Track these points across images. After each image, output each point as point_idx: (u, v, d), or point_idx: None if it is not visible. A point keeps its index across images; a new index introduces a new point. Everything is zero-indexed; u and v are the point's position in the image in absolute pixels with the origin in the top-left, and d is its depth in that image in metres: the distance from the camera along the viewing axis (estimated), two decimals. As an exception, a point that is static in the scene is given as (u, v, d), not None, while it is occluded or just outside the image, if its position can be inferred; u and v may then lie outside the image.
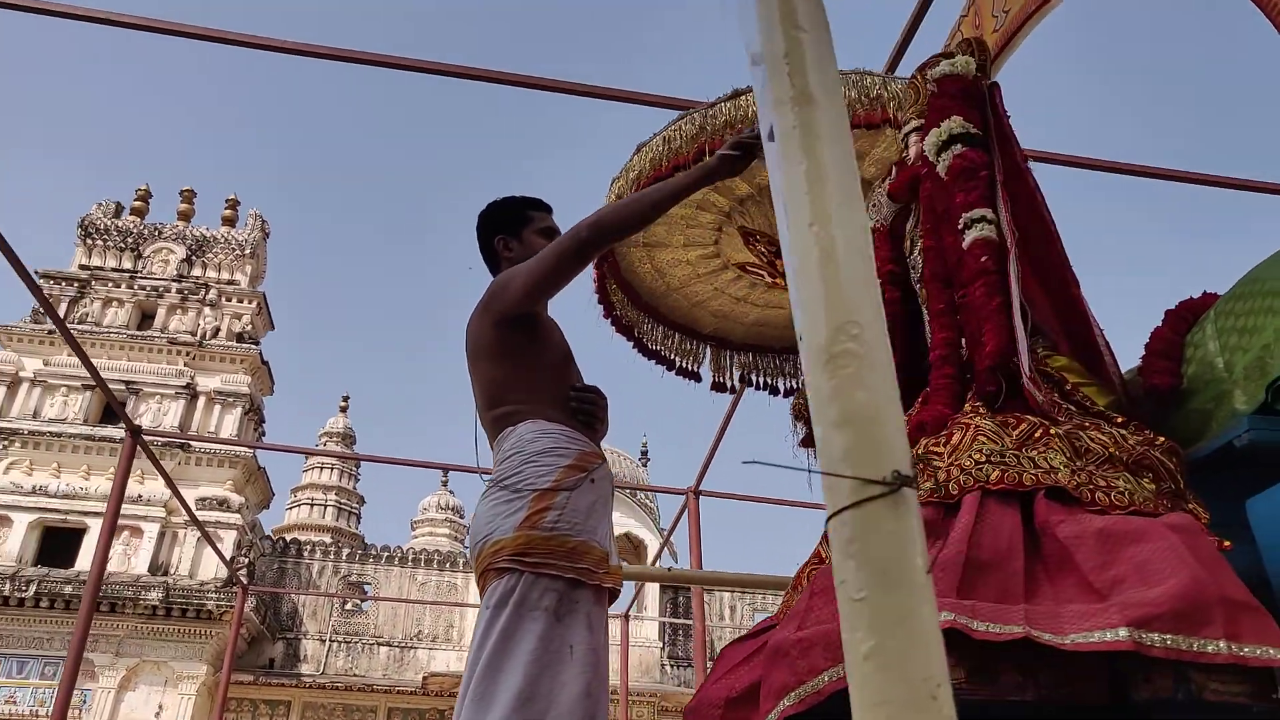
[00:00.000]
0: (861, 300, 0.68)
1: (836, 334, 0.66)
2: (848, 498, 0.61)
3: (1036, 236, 2.48)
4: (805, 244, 0.70)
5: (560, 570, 2.40)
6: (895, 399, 0.65)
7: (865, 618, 0.58)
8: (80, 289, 22.73)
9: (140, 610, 18.99)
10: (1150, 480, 1.94)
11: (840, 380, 0.64)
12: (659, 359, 4.96)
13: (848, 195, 0.73)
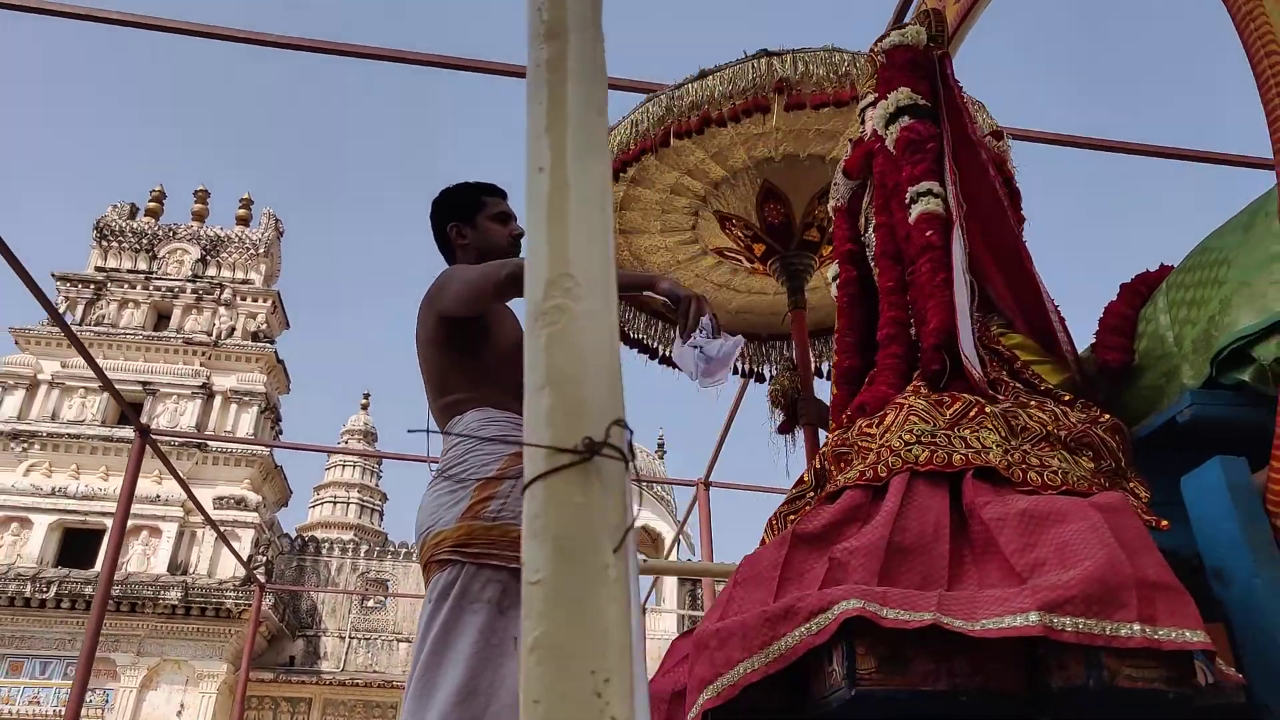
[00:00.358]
0: (585, 254, 0.61)
1: (550, 288, 0.60)
2: (537, 468, 0.55)
3: (989, 211, 2.41)
4: (535, 189, 0.64)
5: (504, 561, 2.35)
6: (608, 363, 0.59)
7: (537, 603, 0.52)
8: (97, 291, 22.91)
9: (160, 610, 19.15)
10: (1089, 459, 1.86)
11: (548, 337, 0.58)
12: (641, 347, 4.89)
13: (590, 142, 0.67)
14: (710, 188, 4.16)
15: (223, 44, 4.61)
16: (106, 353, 21.85)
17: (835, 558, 1.67)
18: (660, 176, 4.10)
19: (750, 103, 3.54)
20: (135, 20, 4.50)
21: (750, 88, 3.56)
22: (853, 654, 1.47)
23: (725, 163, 4.02)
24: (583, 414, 0.56)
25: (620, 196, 4.20)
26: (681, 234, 4.44)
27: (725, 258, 4.48)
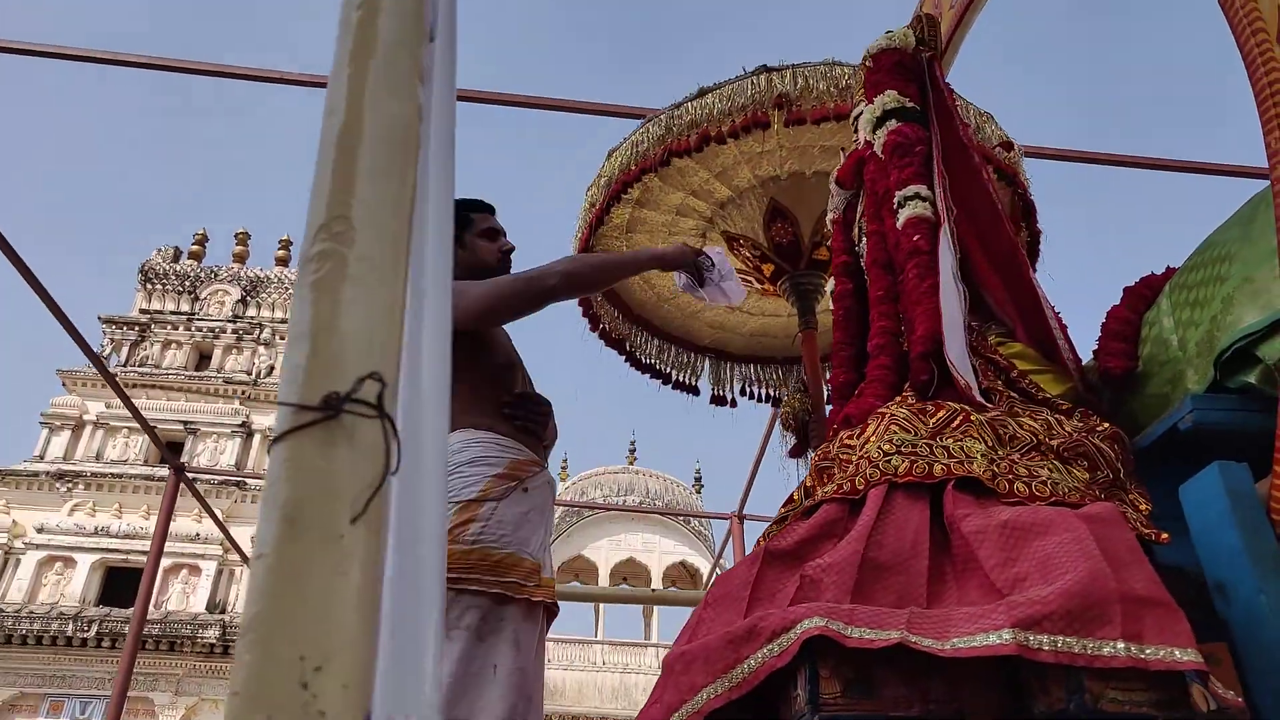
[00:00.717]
0: (369, 197, 0.54)
1: (320, 232, 0.52)
2: (280, 428, 0.47)
3: (984, 216, 2.31)
4: (326, 132, 0.57)
5: (484, 585, 2.27)
6: (376, 315, 0.51)
7: (259, 579, 0.44)
8: (141, 333, 23.31)
9: (198, 648, 19.22)
10: (1084, 469, 1.75)
11: (311, 284, 0.51)
12: (654, 373, 4.81)
13: (397, 77, 0.59)
14: (716, 208, 4.09)
15: (275, 86, 4.63)
16: (150, 393, 22.16)
17: (807, 575, 1.57)
18: (665, 198, 4.04)
19: (749, 119, 3.48)
20: (187, 66, 4.53)
21: (749, 104, 3.49)
22: (816, 677, 1.36)
23: (730, 182, 3.95)
24: (335, 368, 0.48)
25: (626, 218, 4.15)
26: (690, 256, 4.36)
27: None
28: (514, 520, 2.33)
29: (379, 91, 0.59)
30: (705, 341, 4.91)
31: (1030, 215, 3.92)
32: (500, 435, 2.42)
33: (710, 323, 4.80)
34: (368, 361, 0.49)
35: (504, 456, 2.39)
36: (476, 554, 2.27)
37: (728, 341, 4.91)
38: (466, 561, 2.26)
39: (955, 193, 2.31)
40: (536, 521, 2.39)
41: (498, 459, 2.38)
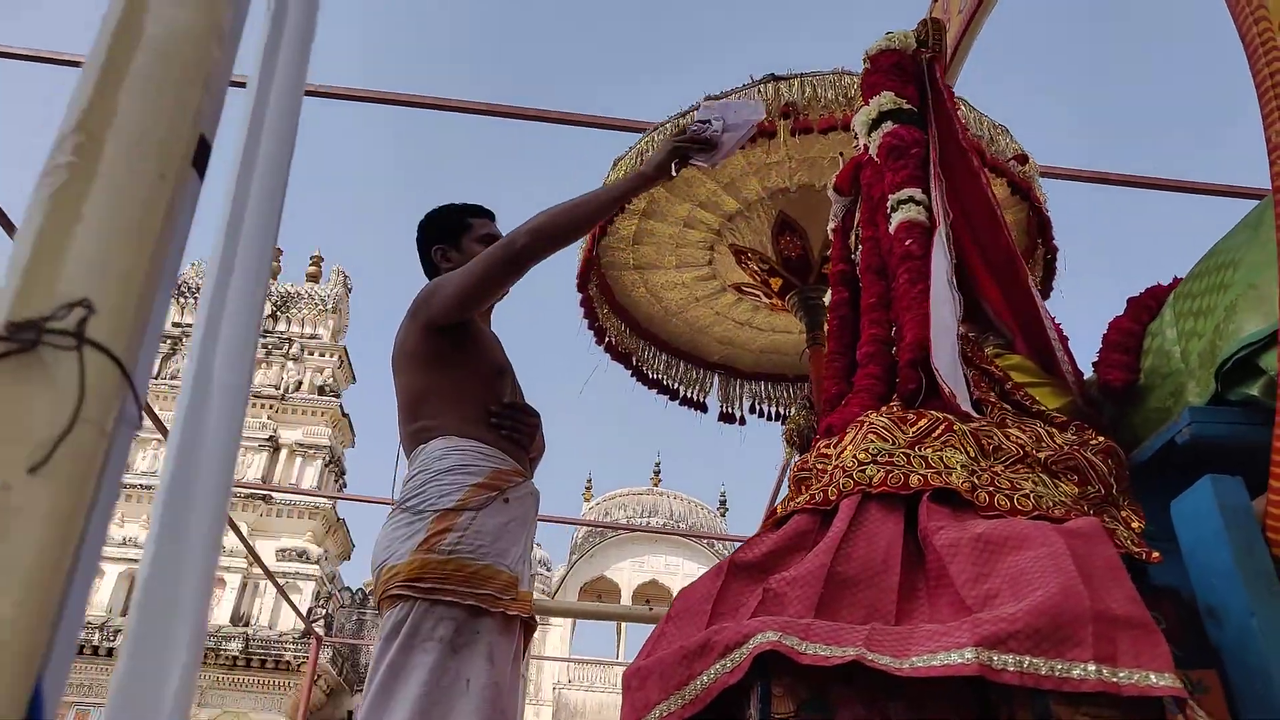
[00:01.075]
0: (128, 108, 0.47)
1: (65, 141, 0.46)
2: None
3: (982, 222, 2.23)
4: (102, 29, 0.50)
5: (458, 597, 2.19)
6: (113, 241, 0.44)
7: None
8: (173, 346, 23.56)
9: (221, 661, 19.26)
10: (1074, 483, 1.65)
11: (42, 200, 0.44)
12: (661, 388, 4.73)
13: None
14: (724, 220, 4.02)
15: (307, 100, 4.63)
16: (179, 406, 22.37)
17: (770, 588, 1.48)
18: (671, 209, 3.98)
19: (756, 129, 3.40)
20: None
21: (756, 113, 3.42)
22: (768, 695, 1.27)
23: (738, 194, 3.88)
24: (45, 294, 0.41)
25: (633, 230, 4.09)
26: (698, 269, 4.30)
27: (744, 294, 4.32)
28: (493, 531, 2.25)
29: (169, 3, 0.52)
30: (714, 358, 4.83)
31: (1045, 231, 3.82)
32: (483, 444, 2.35)
33: (719, 339, 4.72)
34: (84, 287, 0.41)
35: (485, 465, 2.32)
36: (452, 564, 2.19)
37: (737, 358, 4.83)
38: (441, 571, 2.19)
39: (953, 197, 2.22)
40: (517, 533, 2.32)
41: (479, 468, 2.31)
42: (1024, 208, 3.73)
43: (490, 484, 2.28)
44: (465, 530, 2.24)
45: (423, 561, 2.20)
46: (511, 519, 2.30)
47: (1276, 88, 1.37)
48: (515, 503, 2.32)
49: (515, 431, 2.40)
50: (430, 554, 2.21)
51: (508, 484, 2.31)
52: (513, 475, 2.34)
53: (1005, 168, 3.50)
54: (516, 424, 2.41)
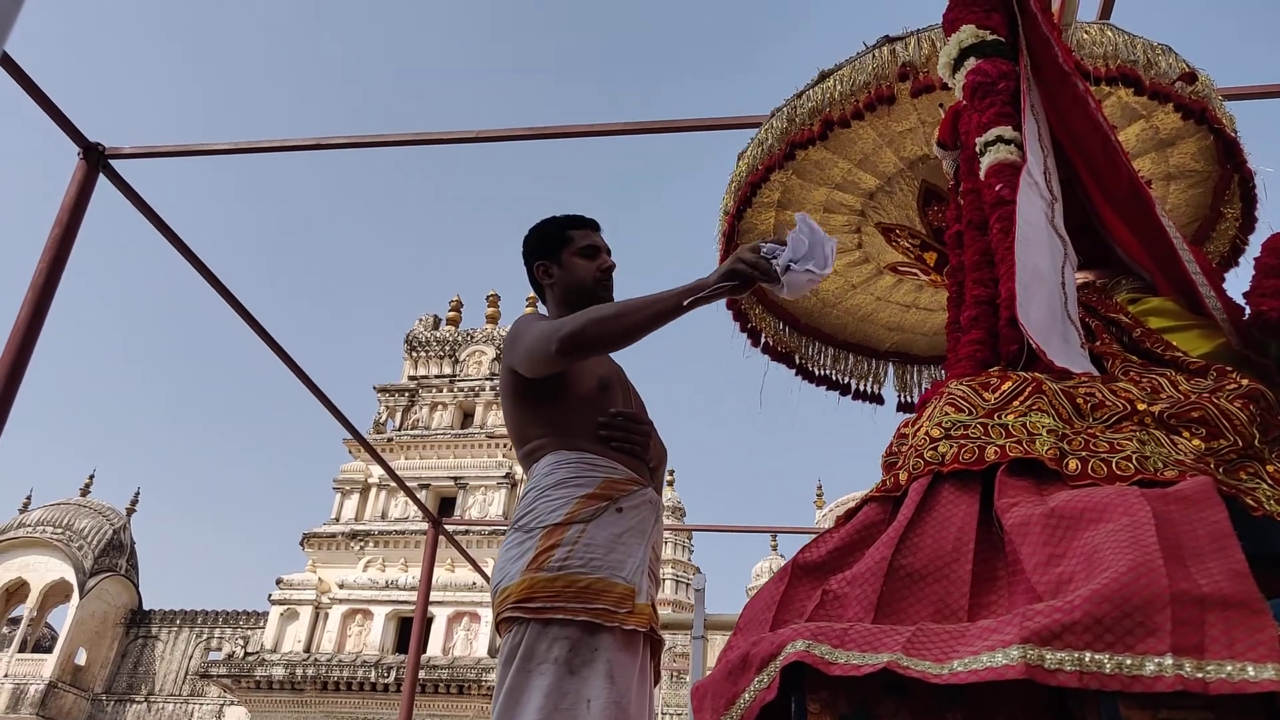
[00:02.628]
0: None
1: None
2: None
3: (1097, 154, 1.95)
4: None
5: (571, 614, 2.13)
6: None
7: None
8: (410, 398, 25.19)
9: (483, 691, 20.24)
10: (1200, 437, 1.38)
11: None
12: (830, 384, 4.50)
13: None
14: (865, 199, 3.78)
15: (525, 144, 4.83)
16: (423, 453, 23.87)
17: (830, 589, 1.32)
18: (808, 195, 3.79)
19: (873, 96, 3.18)
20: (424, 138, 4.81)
21: (870, 80, 3.20)
22: (802, 712, 1.12)
23: (875, 169, 3.64)
24: None
25: (772, 223, 3.93)
26: (848, 254, 4.07)
27: (902, 273, 4.05)
28: (605, 543, 2.18)
29: None
30: (886, 346, 4.56)
31: (1235, 154, 3.34)
32: (593, 455, 2.29)
33: (887, 325, 4.45)
34: None
35: (595, 476, 2.26)
36: (562, 580, 2.14)
37: (911, 343, 4.53)
38: (551, 589, 2.14)
39: (1064, 129, 1.96)
40: (633, 544, 2.23)
41: (588, 478, 2.26)
42: (1203, 131, 3.28)
43: (602, 494, 2.22)
44: (574, 544, 2.17)
45: (531, 580, 2.15)
46: (627, 529, 2.22)
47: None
48: (630, 512, 2.24)
49: (626, 441, 2.33)
50: (539, 572, 2.16)
51: (621, 493, 2.24)
52: (627, 484, 2.26)
53: (1170, 90, 3.09)
54: (628, 433, 2.33)
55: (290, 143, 4.81)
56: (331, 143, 4.80)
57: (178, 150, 4.72)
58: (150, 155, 4.51)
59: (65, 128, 3.83)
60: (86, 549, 24.79)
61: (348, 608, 22.17)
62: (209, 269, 4.35)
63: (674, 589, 30.57)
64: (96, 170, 3.96)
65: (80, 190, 3.90)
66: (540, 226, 2.76)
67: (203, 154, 4.81)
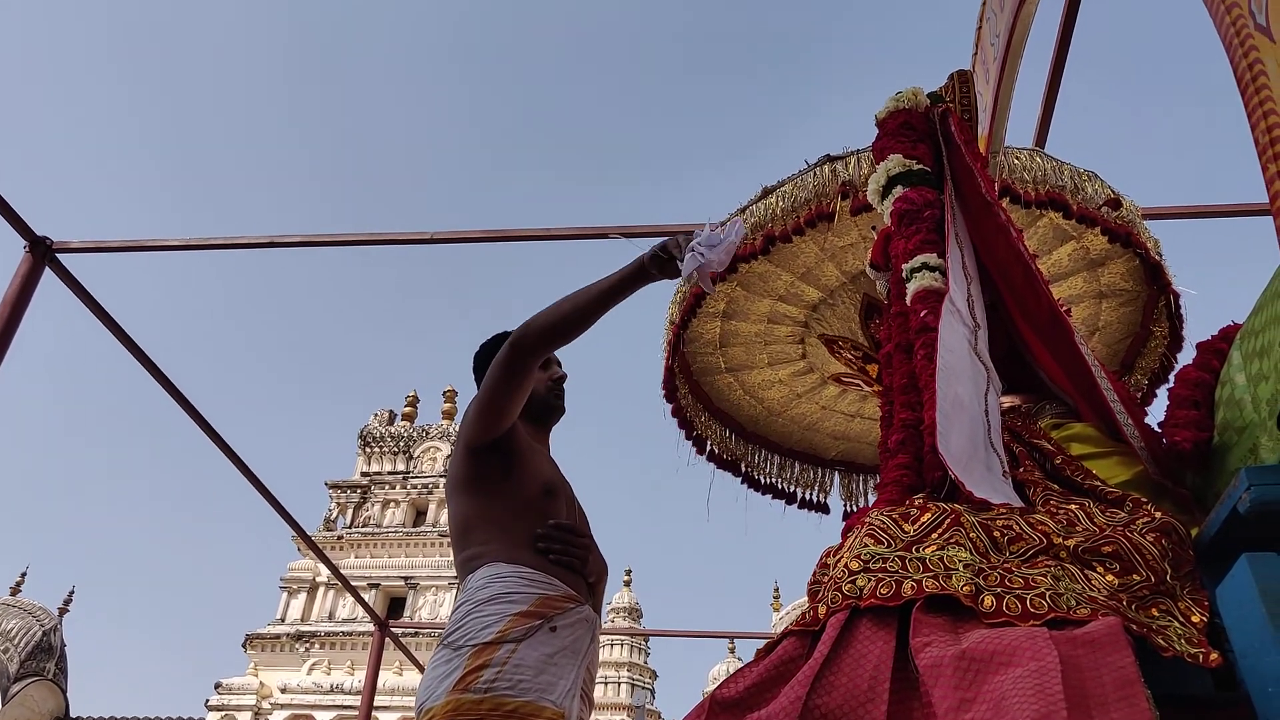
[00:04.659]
0: None
1: None
2: None
3: (1020, 282, 2.00)
4: None
5: None
6: None
7: None
8: (363, 494, 24.72)
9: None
10: (1113, 573, 1.38)
11: None
12: (776, 493, 4.50)
13: None
14: (809, 311, 3.84)
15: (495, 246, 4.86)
16: (374, 551, 23.32)
17: (745, 731, 1.28)
18: (752, 306, 3.84)
19: (813, 212, 3.26)
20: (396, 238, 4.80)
21: (811, 197, 3.28)
22: None
23: (817, 282, 3.71)
24: None
25: (717, 332, 3.97)
26: (793, 364, 4.11)
27: (845, 384, 4.09)
28: (536, 664, 2.12)
29: None
30: (832, 454, 4.58)
31: (1159, 276, 3.45)
32: (530, 569, 2.24)
33: (832, 434, 4.47)
34: None
35: (531, 592, 2.20)
36: (488, 703, 2.06)
37: (856, 452, 4.55)
38: (477, 712, 2.06)
39: (986, 256, 2.01)
40: (565, 665, 2.17)
41: (523, 595, 2.20)
42: (1129, 254, 3.39)
43: (535, 612, 2.16)
44: (504, 665, 2.11)
45: (457, 702, 2.08)
46: (560, 649, 2.16)
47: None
48: (564, 630, 2.18)
49: (565, 555, 2.28)
50: (466, 693, 2.09)
51: (556, 611, 2.19)
52: (563, 601, 2.21)
53: (1096, 215, 3.20)
54: (566, 545, 2.29)
55: (241, 240, 4.81)
56: (284, 241, 4.80)
57: (126, 245, 4.70)
58: (98, 250, 4.49)
59: (12, 221, 3.80)
60: (13, 651, 23.72)
61: (290, 713, 21.29)
62: (155, 365, 4.29)
63: (629, 693, 29.83)
64: (43, 264, 3.92)
65: (24, 283, 3.86)
66: (489, 341, 2.78)
67: (152, 249, 4.78)
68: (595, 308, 2.22)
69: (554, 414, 2.65)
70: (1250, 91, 1.17)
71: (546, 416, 2.62)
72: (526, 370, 2.27)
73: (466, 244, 4.91)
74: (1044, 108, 3.94)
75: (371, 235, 4.82)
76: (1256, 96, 1.15)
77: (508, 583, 2.22)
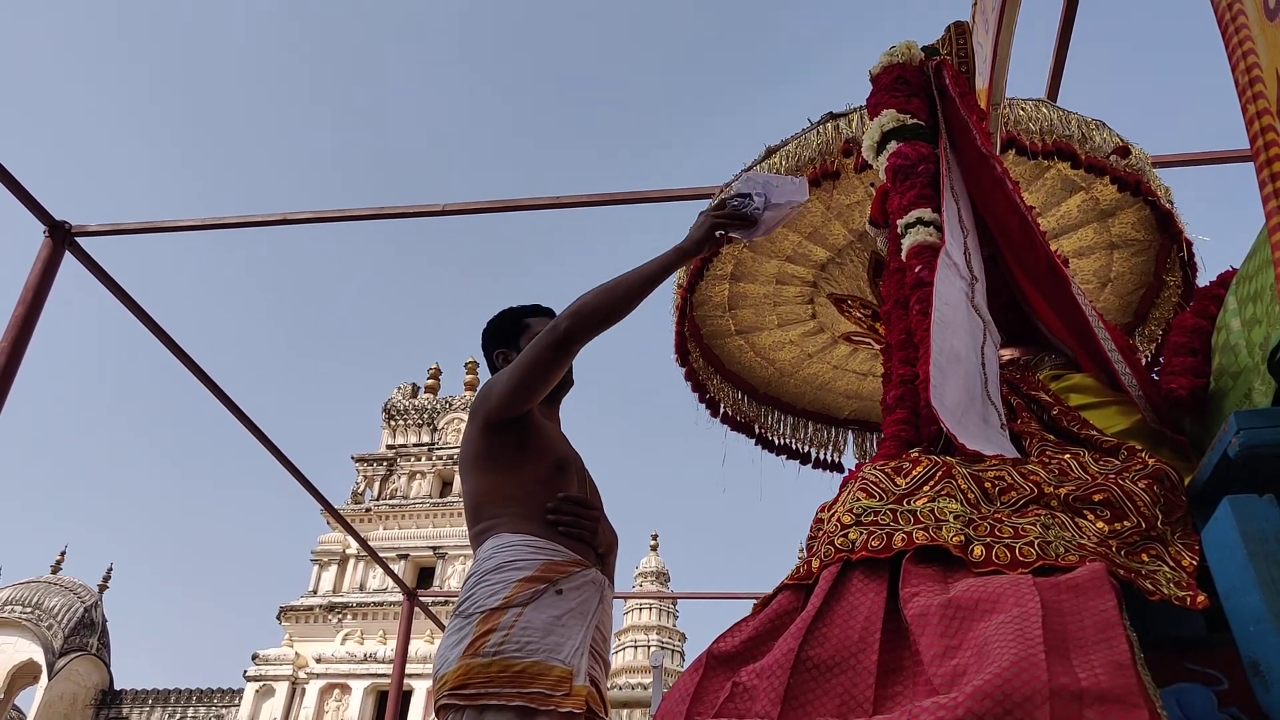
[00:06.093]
0: None
1: None
2: None
3: (1015, 233, 1.99)
4: None
5: (505, 699, 2.10)
6: None
7: None
8: (389, 467, 24.98)
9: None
10: (1104, 519, 1.39)
11: None
12: (790, 453, 4.51)
13: None
14: (817, 270, 3.83)
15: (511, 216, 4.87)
16: (401, 523, 23.59)
17: (739, 682, 1.31)
18: (759, 268, 3.83)
19: (818, 171, 3.24)
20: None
21: (816, 156, 3.26)
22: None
23: (825, 241, 3.69)
24: None
25: (725, 295, 3.97)
26: (803, 324, 4.11)
27: (855, 343, 4.08)
28: (543, 625, 2.16)
29: None
30: (845, 414, 4.58)
31: (1171, 224, 3.42)
32: (535, 538, 2.28)
33: (845, 393, 4.48)
34: None
35: (535, 559, 2.24)
36: (496, 666, 2.11)
37: (869, 410, 4.55)
38: (485, 675, 2.11)
39: (984, 209, 2.00)
40: (573, 626, 2.21)
41: (528, 561, 2.24)
42: (1140, 202, 3.36)
43: (540, 576, 2.20)
44: (510, 628, 2.15)
45: (467, 667, 2.13)
46: (567, 611, 2.20)
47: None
48: (571, 593, 2.22)
49: (574, 527, 2.32)
50: (475, 658, 2.14)
51: (560, 574, 2.22)
52: (568, 566, 2.24)
53: (1105, 164, 3.17)
54: (576, 518, 2.33)
55: (256, 218, 4.84)
56: (297, 218, 4.82)
57: (145, 227, 4.74)
58: (117, 233, 4.53)
59: (31, 206, 3.85)
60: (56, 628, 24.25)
61: (325, 682, 21.68)
62: (178, 344, 4.35)
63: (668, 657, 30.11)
64: (63, 248, 3.97)
65: (45, 268, 3.91)
66: (499, 316, 2.79)
67: (170, 230, 4.82)
68: (640, 293, 2.25)
69: (564, 388, 2.68)
70: (1230, 32, 1.16)
71: (557, 391, 2.64)
72: (571, 355, 2.29)
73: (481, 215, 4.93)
74: (1055, 59, 3.89)
75: (383, 209, 4.84)
76: (1236, 37, 1.14)
77: (513, 550, 2.26)
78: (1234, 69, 1.15)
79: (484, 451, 2.39)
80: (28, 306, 3.83)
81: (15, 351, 3.71)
